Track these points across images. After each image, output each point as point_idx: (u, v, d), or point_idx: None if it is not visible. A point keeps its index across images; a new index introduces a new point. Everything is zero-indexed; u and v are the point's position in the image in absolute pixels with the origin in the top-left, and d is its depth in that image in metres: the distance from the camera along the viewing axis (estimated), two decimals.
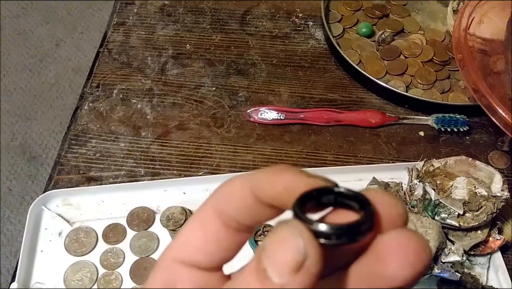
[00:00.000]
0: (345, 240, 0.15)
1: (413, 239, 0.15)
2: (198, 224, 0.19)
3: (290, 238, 0.15)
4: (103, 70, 0.66)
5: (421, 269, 0.15)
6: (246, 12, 0.73)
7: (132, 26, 0.71)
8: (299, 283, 0.14)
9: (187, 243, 0.19)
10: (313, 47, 0.69)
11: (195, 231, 0.19)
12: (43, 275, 0.50)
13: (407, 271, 0.15)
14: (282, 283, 0.14)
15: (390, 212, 0.16)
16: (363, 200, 0.16)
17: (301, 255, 0.14)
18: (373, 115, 0.61)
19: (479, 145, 0.60)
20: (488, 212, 0.47)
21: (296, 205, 0.16)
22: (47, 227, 0.52)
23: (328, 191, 0.17)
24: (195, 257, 0.19)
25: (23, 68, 1.61)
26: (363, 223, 0.16)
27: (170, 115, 0.62)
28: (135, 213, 0.53)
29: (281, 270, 0.14)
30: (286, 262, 0.14)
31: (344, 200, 0.17)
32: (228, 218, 0.18)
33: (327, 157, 0.59)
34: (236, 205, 0.18)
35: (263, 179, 0.17)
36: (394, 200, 0.17)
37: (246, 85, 0.65)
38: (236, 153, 0.59)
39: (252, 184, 0.18)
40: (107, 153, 0.58)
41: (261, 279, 0.15)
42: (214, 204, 0.19)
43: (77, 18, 1.74)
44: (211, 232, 0.19)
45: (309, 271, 0.14)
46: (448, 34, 0.69)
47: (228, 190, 0.19)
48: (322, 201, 0.17)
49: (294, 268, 0.14)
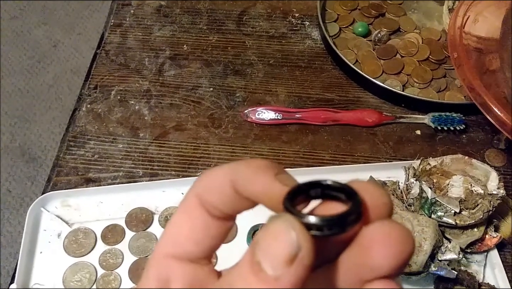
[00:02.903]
0: (335, 230, 0.16)
1: (396, 229, 0.16)
2: (184, 213, 0.20)
3: (282, 231, 0.15)
4: (101, 71, 0.66)
5: (405, 258, 0.15)
6: (242, 12, 0.73)
7: (129, 27, 0.71)
8: (292, 275, 0.15)
9: (176, 234, 0.19)
10: (309, 47, 0.69)
11: (182, 221, 0.20)
12: (42, 276, 0.50)
13: (391, 260, 0.15)
14: (276, 275, 0.15)
15: (376, 201, 0.17)
16: (350, 191, 0.17)
17: (294, 247, 0.15)
18: (370, 114, 0.61)
19: (475, 143, 0.60)
20: (484, 209, 0.47)
21: (287, 199, 0.17)
22: (46, 228, 0.52)
23: (316, 184, 0.17)
24: (185, 247, 0.19)
25: (21, 70, 1.61)
26: (351, 213, 0.16)
27: (168, 116, 0.62)
28: (133, 213, 0.53)
29: (275, 262, 0.15)
30: (279, 254, 0.15)
31: (331, 192, 0.17)
32: (211, 207, 0.19)
33: (324, 157, 0.59)
34: (217, 195, 0.19)
35: (242, 176, 0.18)
36: (379, 190, 0.17)
37: (243, 86, 0.65)
38: (234, 153, 0.59)
39: (232, 177, 0.18)
40: (105, 154, 0.58)
41: (256, 271, 0.15)
42: (196, 193, 0.19)
43: (74, 19, 1.74)
44: (197, 220, 0.19)
45: (302, 263, 0.15)
46: (444, 33, 0.69)
47: (209, 179, 0.19)
48: (311, 194, 0.17)
49: (287, 260, 0.15)
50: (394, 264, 0.15)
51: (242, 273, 0.15)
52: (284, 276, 0.15)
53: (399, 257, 0.15)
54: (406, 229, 0.16)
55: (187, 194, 0.20)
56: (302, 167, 0.57)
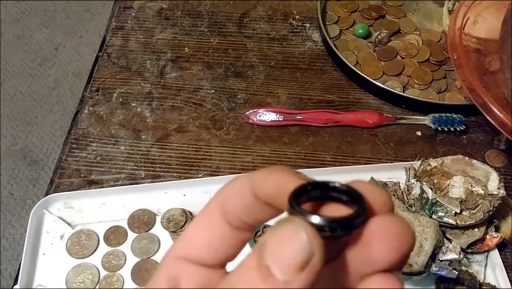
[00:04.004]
0: (345, 232, 0.16)
1: (396, 223, 0.16)
2: (203, 221, 0.20)
3: (295, 235, 0.15)
4: (103, 74, 0.66)
5: (405, 251, 0.16)
6: (243, 14, 0.73)
7: (130, 30, 0.71)
8: (303, 280, 0.14)
9: (192, 239, 0.20)
10: (310, 48, 0.69)
11: (200, 228, 0.20)
12: (45, 278, 0.50)
13: (392, 253, 0.15)
14: (286, 280, 0.14)
15: (376, 200, 0.17)
16: (355, 193, 0.17)
17: (307, 252, 0.14)
18: (370, 115, 0.61)
19: (475, 144, 0.61)
20: (485, 210, 0.48)
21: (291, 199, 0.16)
22: (48, 230, 0.53)
23: (320, 185, 0.17)
24: (198, 252, 0.19)
25: (23, 73, 1.62)
26: (360, 214, 0.16)
27: (169, 118, 0.62)
28: (135, 215, 0.54)
29: (286, 267, 0.14)
30: (291, 259, 0.14)
31: (331, 194, 0.17)
32: (231, 216, 0.19)
33: (325, 158, 0.59)
34: (238, 203, 0.19)
35: (259, 178, 0.18)
36: (379, 189, 0.17)
37: (245, 88, 0.65)
38: (235, 155, 0.59)
39: (252, 183, 0.18)
40: (107, 156, 0.59)
41: (264, 275, 0.14)
42: (218, 202, 0.19)
43: (76, 22, 1.75)
44: (215, 229, 0.19)
45: (314, 268, 0.14)
46: (444, 34, 0.69)
47: (230, 188, 0.19)
48: (311, 195, 0.17)
49: (299, 265, 0.14)
50: (394, 257, 0.15)
51: (248, 275, 0.15)
52: (294, 281, 0.14)
53: (399, 250, 0.15)
54: (406, 223, 0.16)
55: (208, 203, 0.20)
56: (303, 168, 0.57)
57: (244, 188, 0.18)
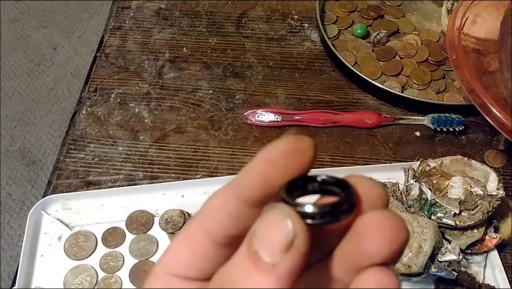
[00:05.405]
0: (328, 219, 0.16)
1: (389, 217, 0.16)
2: (186, 243, 0.19)
3: (278, 219, 0.15)
4: (101, 74, 0.66)
5: (399, 245, 0.16)
6: (242, 14, 0.73)
7: (128, 30, 0.71)
8: (289, 261, 0.15)
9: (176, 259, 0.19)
10: (308, 49, 0.69)
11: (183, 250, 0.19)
12: (43, 279, 0.50)
13: (385, 247, 0.16)
14: (273, 262, 0.15)
15: (370, 193, 0.17)
16: (343, 183, 0.17)
17: (290, 235, 0.15)
18: (369, 116, 0.61)
19: (474, 144, 0.60)
20: (484, 210, 0.48)
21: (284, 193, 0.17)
22: (46, 232, 0.53)
23: (312, 179, 0.18)
24: (186, 272, 0.19)
25: (21, 73, 1.61)
26: (344, 202, 0.16)
27: (167, 118, 0.62)
28: (134, 216, 0.53)
29: (272, 250, 0.15)
30: (276, 241, 0.15)
31: (328, 187, 0.18)
32: (216, 233, 0.18)
33: (324, 158, 0.59)
34: (221, 217, 0.18)
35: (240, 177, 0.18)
36: (373, 182, 0.18)
37: (243, 88, 0.65)
38: (234, 155, 0.59)
39: (234, 188, 0.18)
40: (105, 157, 0.59)
41: (253, 260, 0.15)
42: (200, 222, 0.19)
43: (74, 22, 1.74)
44: (199, 251, 0.19)
45: (299, 250, 0.15)
46: (443, 34, 0.69)
47: (211, 205, 0.18)
48: (308, 188, 0.18)
49: (284, 247, 0.15)
50: (389, 250, 0.16)
51: (240, 263, 0.16)
52: (281, 263, 0.15)
53: (393, 244, 0.16)
54: (399, 218, 0.16)
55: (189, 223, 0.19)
56: None
57: (226, 199, 0.18)
